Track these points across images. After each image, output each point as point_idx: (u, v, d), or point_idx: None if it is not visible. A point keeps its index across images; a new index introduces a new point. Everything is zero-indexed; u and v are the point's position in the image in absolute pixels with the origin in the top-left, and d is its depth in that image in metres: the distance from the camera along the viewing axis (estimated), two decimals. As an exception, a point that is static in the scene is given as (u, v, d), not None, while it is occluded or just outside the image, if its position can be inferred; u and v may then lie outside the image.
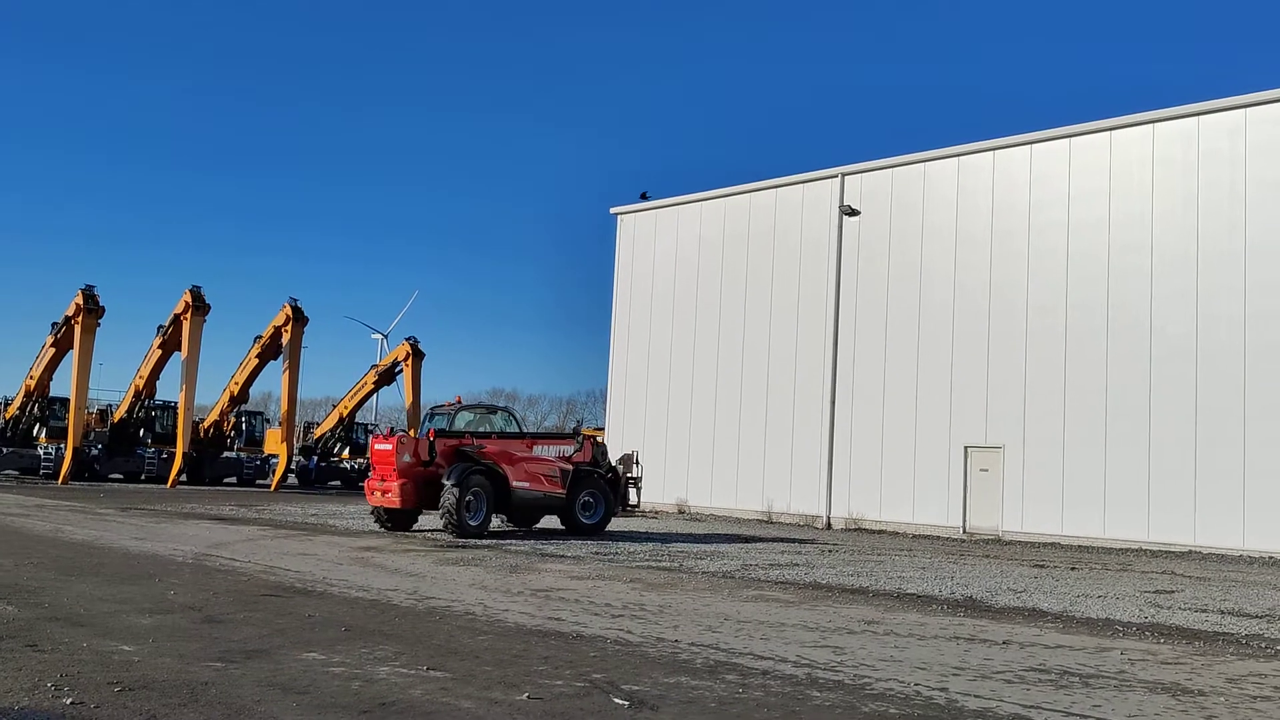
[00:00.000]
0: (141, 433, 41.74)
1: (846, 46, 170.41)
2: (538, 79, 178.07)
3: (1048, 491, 26.38)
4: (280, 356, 40.22)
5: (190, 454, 38.75)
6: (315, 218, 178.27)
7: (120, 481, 40.02)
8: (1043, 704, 7.06)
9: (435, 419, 21.52)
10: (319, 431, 47.60)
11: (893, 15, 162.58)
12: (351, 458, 47.45)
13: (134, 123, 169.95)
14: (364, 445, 49.34)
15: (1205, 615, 12.38)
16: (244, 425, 44.92)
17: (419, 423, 40.35)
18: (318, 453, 46.36)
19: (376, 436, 22.08)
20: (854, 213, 31.14)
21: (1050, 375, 26.77)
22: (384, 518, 20.98)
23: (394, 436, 21.12)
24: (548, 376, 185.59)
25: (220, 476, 43.15)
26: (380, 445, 20.84)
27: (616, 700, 6.73)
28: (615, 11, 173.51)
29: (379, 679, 7.13)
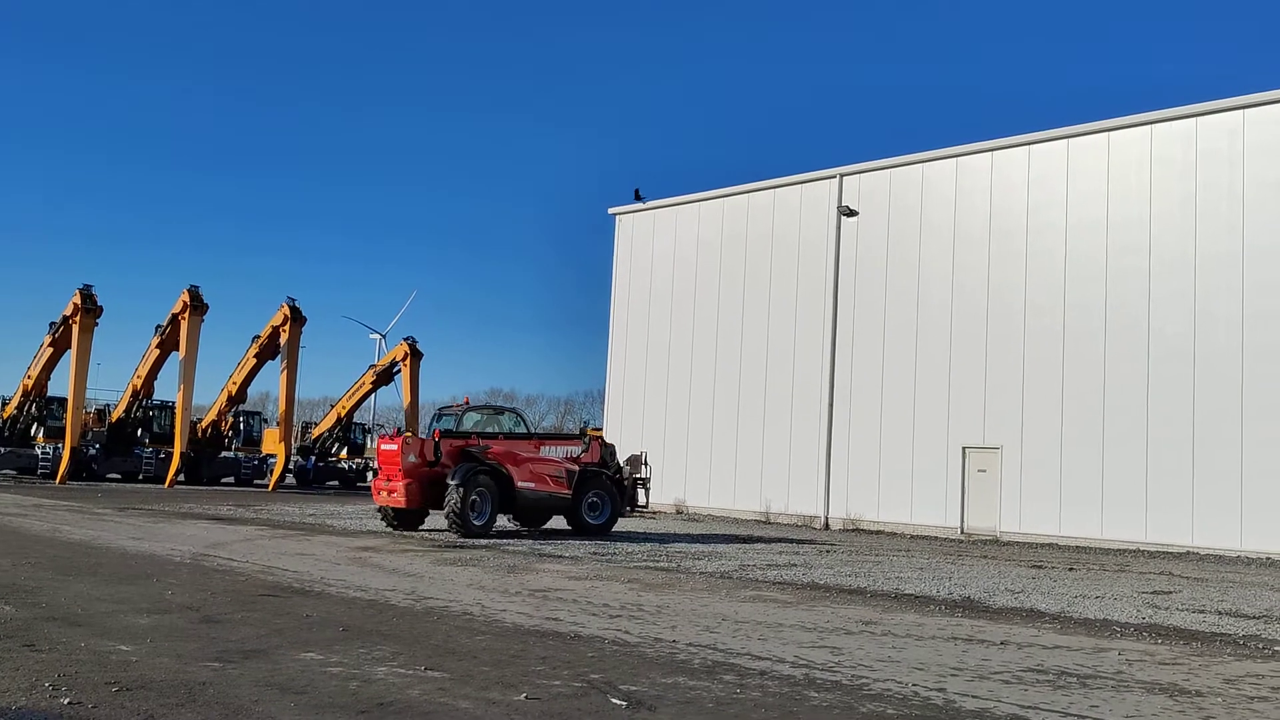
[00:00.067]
0: (139, 432, 41.72)
1: (845, 47, 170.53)
2: (538, 79, 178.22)
3: (1045, 492, 26.39)
4: (278, 356, 40.23)
5: (188, 454, 38.74)
6: (314, 218, 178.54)
7: (118, 481, 39.97)
8: (1040, 704, 7.07)
9: (443, 419, 21.72)
10: (317, 431, 47.55)
11: (891, 16, 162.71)
12: (349, 458, 47.46)
13: (134, 123, 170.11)
14: (362, 445, 49.41)
15: (1203, 616, 12.39)
16: (242, 425, 44.87)
17: (417, 422, 40.41)
18: (315, 453, 46.32)
19: (383, 437, 22.22)
20: (852, 213, 31.15)
21: (1048, 376, 26.78)
22: (391, 517, 21.19)
23: (399, 437, 21.25)
24: (546, 376, 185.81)
25: (218, 476, 43.09)
26: (386, 445, 21.07)
27: (614, 700, 6.73)
28: (615, 11, 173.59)
29: (377, 679, 7.13)
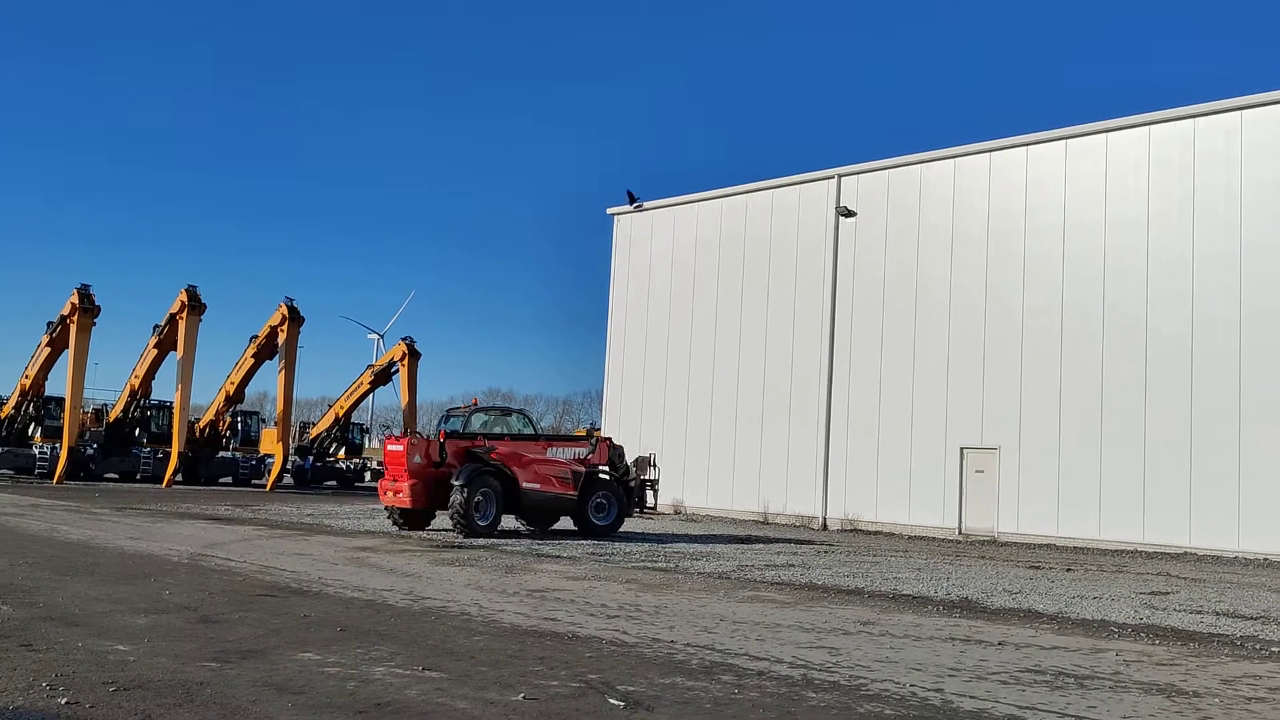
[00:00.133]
0: (137, 432, 41.71)
1: (843, 47, 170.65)
2: (537, 79, 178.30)
3: (1043, 493, 26.39)
4: (276, 356, 40.24)
5: (186, 454, 38.73)
6: (314, 218, 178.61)
7: (115, 481, 39.95)
8: (1038, 705, 7.07)
9: (450, 420, 21.81)
10: (315, 431, 47.55)
11: (890, 16, 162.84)
12: (347, 458, 47.45)
13: (134, 123, 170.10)
14: (360, 445, 49.44)
15: (1200, 617, 12.40)
16: (240, 425, 44.85)
17: (414, 422, 40.45)
18: (313, 453, 46.32)
19: (389, 438, 22.32)
20: (850, 214, 31.15)
21: (1046, 377, 26.79)
22: (398, 517, 21.28)
23: (405, 438, 21.34)
24: (545, 376, 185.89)
25: (216, 476, 43.07)
26: (392, 446, 21.23)
27: (612, 701, 6.73)
28: (615, 11, 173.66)
29: (374, 679, 7.13)
